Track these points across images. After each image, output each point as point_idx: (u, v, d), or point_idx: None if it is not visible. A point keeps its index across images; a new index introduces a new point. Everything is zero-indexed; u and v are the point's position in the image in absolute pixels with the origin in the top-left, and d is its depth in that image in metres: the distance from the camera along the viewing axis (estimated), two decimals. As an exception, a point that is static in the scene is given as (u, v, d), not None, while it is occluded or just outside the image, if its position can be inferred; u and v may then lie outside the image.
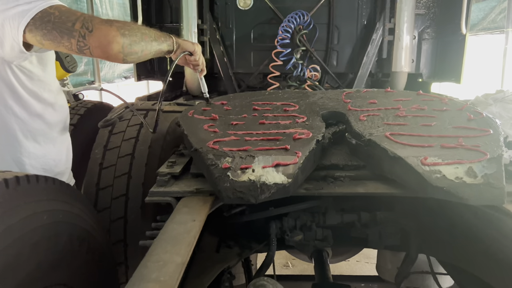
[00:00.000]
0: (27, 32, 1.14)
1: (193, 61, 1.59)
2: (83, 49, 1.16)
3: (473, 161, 1.12)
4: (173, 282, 0.76)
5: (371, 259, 3.37)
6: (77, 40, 1.14)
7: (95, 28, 1.14)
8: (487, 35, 5.99)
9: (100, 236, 1.31)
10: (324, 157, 1.37)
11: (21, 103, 1.33)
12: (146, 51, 1.29)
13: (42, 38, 1.14)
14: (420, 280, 2.35)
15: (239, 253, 1.56)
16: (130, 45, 1.20)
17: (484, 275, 1.34)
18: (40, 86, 1.39)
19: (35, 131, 1.39)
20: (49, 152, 1.46)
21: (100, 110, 2.79)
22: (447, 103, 1.62)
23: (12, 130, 1.33)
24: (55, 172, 1.50)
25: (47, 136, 1.44)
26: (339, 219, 1.52)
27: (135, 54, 1.24)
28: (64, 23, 1.13)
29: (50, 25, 1.13)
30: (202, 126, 1.43)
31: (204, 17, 3.44)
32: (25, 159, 1.38)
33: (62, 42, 1.15)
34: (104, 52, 1.17)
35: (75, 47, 1.15)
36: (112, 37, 1.15)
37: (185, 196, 1.18)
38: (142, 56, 1.29)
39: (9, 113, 1.31)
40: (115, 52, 1.17)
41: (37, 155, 1.41)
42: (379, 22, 3.39)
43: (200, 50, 1.59)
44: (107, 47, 1.16)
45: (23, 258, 0.94)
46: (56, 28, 1.13)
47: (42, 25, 1.13)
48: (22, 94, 1.33)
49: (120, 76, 7.33)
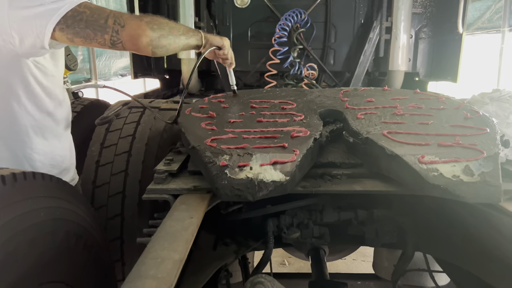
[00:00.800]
0: (57, 31, 1.17)
1: (222, 55, 1.67)
2: (116, 44, 1.23)
3: (470, 160, 1.13)
4: (171, 279, 0.76)
5: (368, 257, 3.38)
6: (110, 35, 1.21)
7: (126, 24, 1.22)
8: (483, 34, 6.02)
9: (97, 233, 1.30)
10: (322, 155, 1.37)
11: (34, 100, 1.35)
12: (174, 45, 1.36)
13: (74, 36, 1.19)
14: (416, 277, 2.37)
15: (236, 250, 1.56)
16: (159, 39, 1.28)
17: (480, 273, 1.35)
18: (53, 82, 1.41)
19: (44, 127, 1.40)
20: (56, 148, 1.47)
21: (97, 107, 2.79)
22: (444, 102, 1.63)
23: (23, 127, 1.35)
24: (62, 168, 1.51)
25: (54, 132, 1.46)
26: (336, 216, 1.52)
27: (163, 47, 1.31)
28: (97, 21, 1.19)
29: (83, 24, 1.18)
30: (199, 123, 1.43)
31: (201, 14, 3.44)
32: (35, 155, 1.39)
33: (95, 39, 1.21)
34: (134, 45, 1.25)
35: (108, 42, 1.22)
36: (142, 31, 1.23)
37: (183, 193, 1.18)
38: (171, 49, 1.36)
39: (22, 109, 1.33)
40: (145, 45, 1.25)
41: (45, 151, 1.42)
42: (376, 20, 3.40)
43: (229, 44, 1.67)
44: (137, 40, 1.23)
45: (20, 255, 0.94)
46: (89, 26, 1.19)
47: (75, 24, 1.17)
48: (37, 91, 1.35)
49: (116, 73, 7.30)
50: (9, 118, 1.32)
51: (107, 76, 6.96)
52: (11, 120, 1.32)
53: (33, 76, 1.32)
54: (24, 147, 1.36)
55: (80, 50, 6.13)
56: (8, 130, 1.33)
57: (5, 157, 1.33)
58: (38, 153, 1.39)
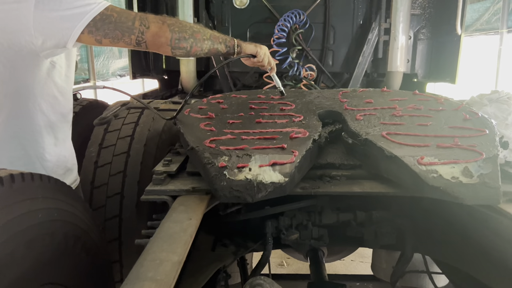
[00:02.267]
0: (86, 33, 1.23)
1: (257, 63, 1.70)
2: (141, 43, 1.32)
3: (469, 161, 1.13)
4: (169, 281, 0.76)
5: (366, 258, 3.38)
6: (136, 36, 1.30)
7: (150, 25, 1.31)
8: (481, 36, 6.03)
9: (95, 235, 1.30)
10: (321, 156, 1.37)
11: (50, 100, 1.37)
12: (196, 48, 1.41)
13: (103, 37, 1.26)
14: (415, 279, 2.37)
15: (235, 252, 1.56)
16: (179, 40, 1.35)
17: (479, 275, 1.35)
18: (67, 83, 1.44)
19: (56, 127, 1.42)
20: (63, 148, 1.48)
21: (95, 108, 2.77)
22: (443, 103, 1.63)
23: (38, 127, 1.36)
24: (67, 167, 1.51)
25: (65, 133, 1.49)
26: (335, 218, 1.52)
27: (183, 48, 1.38)
28: (125, 23, 1.27)
29: (112, 26, 1.26)
30: (198, 124, 1.42)
31: (200, 15, 3.43)
32: (47, 155, 1.40)
33: (123, 39, 1.29)
34: (155, 44, 1.33)
35: (134, 42, 1.31)
36: (162, 32, 1.32)
37: (181, 194, 1.18)
38: (192, 51, 1.41)
39: (37, 109, 1.34)
40: (163, 44, 1.33)
41: (56, 151, 1.43)
42: (374, 22, 3.40)
43: (264, 52, 1.68)
44: (158, 40, 1.32)
45: (18, 256, 0.93)
46: (118, 27, 1.26)
47: (104, 26, 1.24)
48: (53, 91, 1.37)
49: (114, 74, 7.28)
50: (24, 117, 1.33)
51: (105, 77, 6.94)
52: (26, 119, 1.34)
53: (49, 76, 1.34)
54: (37, 146, 1.37)
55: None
56: (23, 130, 1.34)
57: (18, 156, 1.34)
58: (49, 153, 1.41)
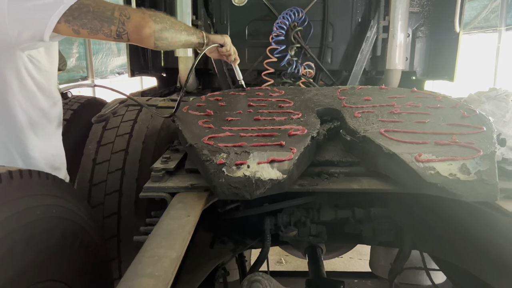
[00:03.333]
0: (62, 22, 1.19)
1: (225, 52, 1.71)
2: (122, 35, 1.27)
3: (466, 158, 1.13)
4: (168, 277, 0.76)
5: (364, 255, 3.39)
6: (117, 26, 1.25)
7: (132, 15, 1.27)
8: (480, 33, 6.04)
9: (94, 232, 1.30)
10: (319, 153, 1.37)
11: (28, 95, 1.34)
12: (175, 39, 1.40)
13: (81, 27, 1.22)
14: (413, 276, 2.37)
15: (233, 248, 1.56)
16: (161, 31, 1.33)
17: (476, 271, 1.35)
18: (47, 78, 1.41)
19: (37, 125, 1.40)
20: (48, 146, 1.46)
21: (94, 105, 2.77)
22: (441, 101, 1.63)
23: (18, 123, 1.34)
24: (55, 166, 1.50)
25: (47, 130, 1.45)
26: (333, 215, 1.52)
27: (165, 39, 1.36)
28: (103, 12, 1.23)
29: (90, 15, 1.21)
30: (197, 121, 1.42)
31: (199, 12, 3.43)
32: (30, 153, 1.38)
33: (102, 30, 1.24)
34: (138, 35, 1.29)
35: (114, 33, 1.26)
36: (145, 22, 1.28)
37: (180, 191, 1.18)
38: (172, 43, 1.40)
39: (16, 105, 1.32)
40: (148, 35, 1.30)
41: (39, 149, 1.41)
42: (373, 19, 3.39)
43: (230, 41, 1.70)
44: (141, 31, 1.28)
45: (15, 253, 0.93)
46: (96, 17, 1.22)
47: (82, 15, 1.20)
48: (30, 85, 1.34)
49: (113, 71, 7.27)
50: (4, 113, 1.31)
51: (103, 74, 6.93)
52: (6, 115, 1.31)
53: (26, 70, 1.31)
54: (19, 144, 1.35)
55: (76, 48, 6.11)
56: (3, 126, 1.32)
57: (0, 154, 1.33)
58: (32, 151, 1.39)
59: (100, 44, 6.63)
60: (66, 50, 5.84)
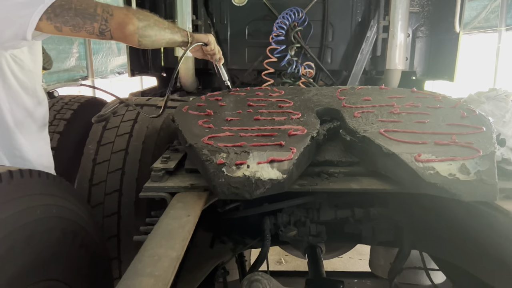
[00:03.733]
0: (44, 20, 1.17)
1: (209, 51, 1.70)
2: (104, 32, 1.24)
3: (466, 158, 1.13)
4: (167, 276, 0.76)
5: (364, 255, 3.39)
6: (99, 24, 1.22)
7: (114, 12, 1.24)
8: (480, 33, 6.04)
9: (94, 231, 1.30)
10: (319, 153, 1.37)
11: (11, 94, 1.33)
12: (159, 36, 1.39)
13: (63, 25, 1.19)
14: (412, 275, 2.38)
15: (233, 248, 1.56)
16: (145, 28, 1.31)
17: (476, 271, 1.35)
18: (31, 77, 1.39)
19: (21, 124, 1.38)
20: (34, 146, 1.44)
21: (94, 105, 2.77)
22: (440, 101, 1.63)
23: (3, 122, 1.33)
24: (43, 166, 1.48)
25: (31, 130, 1.44)
26: (333, 215, 1.53)
27: (149, 37, 1.34)
28: (86, 9, 1.21)
29: (72, 12, 1.19)
30: (196, 121, 1.42)
31: (199, 12, 3.43)
32: (16, 152, 1.37)
33: (84, 27, 1.21)
34: (122, 33, 1.27)
35: (97, 30, 1.23)
36: (129, 19, 1.26)
37: (180, 191, 1.18)
38: (156, 40, 1.38)
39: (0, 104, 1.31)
40: (131, 33, 1.28)
41: (25, 148, 1.40)
42: (373, 19, 3.40)
43: (214, 40, 1.69)
44: (125, 28, 1.26)
45: (16, 252, 0.94)
46: (79, 14, 1.19)
47: (64, 12, 1.18)
48: (13, 84, 1.33)
49: (113, 71, 7.27)
50: None
51: (104, 74, 6.93)
52: None
53: (10, 70, 1.30)
54: (4, 143, 1.35)
55: (76, 48, 6.11)
56: None
57: None
58: (18, 150, 1.38)
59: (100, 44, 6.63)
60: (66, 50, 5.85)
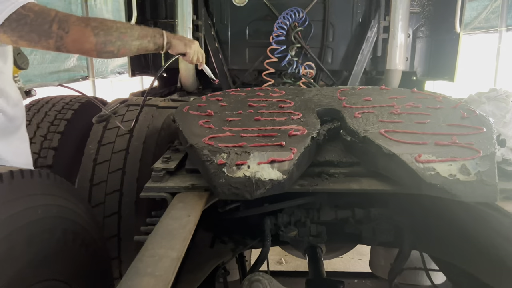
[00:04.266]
0: (1, 33, 1.16)
1: (188, 61, 1.70)
2: (61, 48, 1.23)
3: (466, 159, 1.13)
4: (168, 276, 0.76)
5: (365, 255, 3.39)
6: (55, 40, 1.21)
7: (70, 29, 1.22)
8: (480, 34, 6.03)
9: (94, 231, 1.30)
10: (319, 153, 1.37)
11: None
12: (123, 49, 1.36)
13: (19, 39, 1.19)
14: (413, 276, 2.38)
15: (233, 248, 1.57)
16: (104, 44, 1.28)
17: (476, 271, 1.35)
18: (2, 79, 1.37)
19: None
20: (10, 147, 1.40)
21: (94, 105, 2.77)
22: (441, 101, 1.63)
23: None
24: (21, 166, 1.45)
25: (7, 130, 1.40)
26: (333, 215, 1.53)
27: (110, 52, 1.32)
28: (41, 26, 1.18)
29: (27, 27, 1.17)
30: (197, 122, 1.42)
31: (199, 12, 3.43)
32: None
33: (40, 43, 1.21)
34: (79, 50, 1.27)
35: (53, 46, 1.22)
36: (85, 37, 1.24)
37: (180, 191, 1.18)
38: (120, 53, 1.36)
39: None
40: (88, 50, 1.27)
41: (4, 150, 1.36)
42: (374, 20, 3.40)
43: (195, 49, 1.67)
44: (81, 45, 1.25)
45: (17, 252, 0.94)
46: (34, 30, 1.18)
47: (19, 27, 1.16)
48: None
49: (113, 71, 7.27)
50: None
51: (104, 74, 6.92)
52: None
53: None
54: None
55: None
56: None
57: None
58: None
59: (101, 43, 6.60)
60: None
